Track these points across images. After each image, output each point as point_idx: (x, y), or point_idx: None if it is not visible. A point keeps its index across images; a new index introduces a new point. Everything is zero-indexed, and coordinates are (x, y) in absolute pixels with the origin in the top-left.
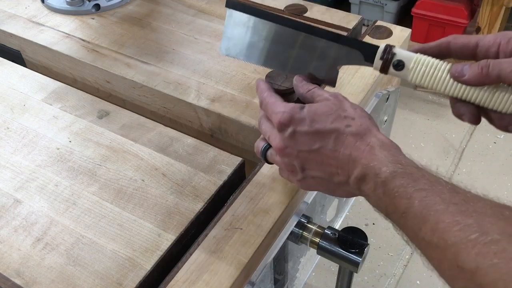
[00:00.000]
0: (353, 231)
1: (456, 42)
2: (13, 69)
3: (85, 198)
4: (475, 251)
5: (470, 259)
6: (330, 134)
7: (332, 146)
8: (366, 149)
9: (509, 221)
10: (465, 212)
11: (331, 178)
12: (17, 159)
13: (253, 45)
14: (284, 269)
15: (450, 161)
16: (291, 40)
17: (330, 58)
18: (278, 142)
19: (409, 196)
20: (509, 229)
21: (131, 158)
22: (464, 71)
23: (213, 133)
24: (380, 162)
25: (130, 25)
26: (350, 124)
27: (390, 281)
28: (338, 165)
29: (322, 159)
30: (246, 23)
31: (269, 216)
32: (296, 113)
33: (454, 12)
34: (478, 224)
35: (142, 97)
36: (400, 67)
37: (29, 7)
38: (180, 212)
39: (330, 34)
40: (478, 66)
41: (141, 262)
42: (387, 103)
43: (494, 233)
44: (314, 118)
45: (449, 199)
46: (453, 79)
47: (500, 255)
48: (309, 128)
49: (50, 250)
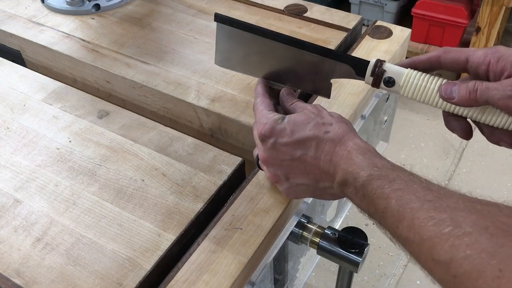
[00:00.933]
0: (353, 231)
1: (446, 57)
2: (13, 69)
3: (85, 198)
4: (448, 243)
5: (444, 251)
6: (310, 141)
7: (313, 153)
8: (345, 154)
9: (480, 214)
10: (439, 208)
11: (316, 184)
12: (17, 159)
13: (245, 58)
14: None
15: (450, 161)
16: (282, 53)
17: (322, 71)
18: (262, 153)
19: (386, 196)
20: (480, 222)
21: (131, 158)
22: (453, 93)
23: (213, 133)
24: (357, 167)
25: (130, 25)
26: (328, 130)
27: (390, 281)
28: (321, 171)
29: (305, 166)
30: (236, 37)
31: (269, 216)
32: (277, 125)
33: (454, 12)
34: (451, 218)
35: (142, 97)
36: (391, 83)
37: (29, 7)
38: (180, 212)
39: (320, 49)
40: (466, 90)
41: (141, 262)
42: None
43: (466, 226)
44: (294, 128)
45: (424, 197)
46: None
47: (472, 246)
48: (289, 139)
49: (50, 250)
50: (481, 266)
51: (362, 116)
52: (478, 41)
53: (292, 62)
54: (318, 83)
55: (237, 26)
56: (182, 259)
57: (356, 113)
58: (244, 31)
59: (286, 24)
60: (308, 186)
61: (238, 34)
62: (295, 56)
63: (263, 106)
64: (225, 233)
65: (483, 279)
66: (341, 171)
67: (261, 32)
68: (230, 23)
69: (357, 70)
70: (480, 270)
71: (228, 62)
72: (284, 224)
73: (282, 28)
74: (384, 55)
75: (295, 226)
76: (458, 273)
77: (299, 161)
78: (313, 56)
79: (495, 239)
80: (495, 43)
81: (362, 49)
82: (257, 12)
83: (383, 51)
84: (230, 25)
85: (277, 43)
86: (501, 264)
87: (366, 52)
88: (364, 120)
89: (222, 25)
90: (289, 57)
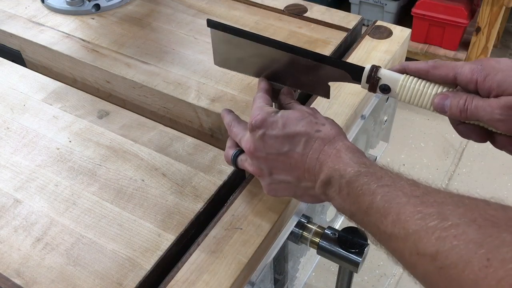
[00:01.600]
0: (353, 231)
1: (434, 73)
2: (13, 69)
3: (85, 198)
4: (435, 236)
5: (430, 244)
6: (300, 137)
7: (301, 150)
8: (333, 153)
9: (468, 207)
10: (425, 203)
11: (298, 183)
12: (17, 159)
13: (243, 60)
14: (284, 269)
15: (450, 161)
16: (277, 57)
17: (318, 75)
18: (249, 144)
19: (372, 192)
20: (468, 214)
21: (131, 158)
22: (445, 107)
23: (213, 133)
24: (345, 164)
25: (130, 25)
26: (320, 129)
27: (390, 281)
28: (305, 169)
29: (290, 162)
30: (230, 41)
31: (269, 216)
32: (270, 117)
33: (454, 12)
34: (438, 212)
35: (142, 97)
36: (387, 91)
37: (29, 7)
38: (180, 212)
39: (314, 55)
40: (457, 107)
41: (141, 262)
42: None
43: (454, 218)
44: (286, 122)
45: (411, 193)
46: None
47: (459, 237)
48: (279, 132)
49: (50, 250)
50: (468, 256)
51: (362, 116)
52: (478, 41)
53: (288, 65)
54: (316, 85)
55: (230, 32)
56: (182, 259)
57: (356, 113)
58: (236, 36)
59: (286, 24)
60: (289, 184)
61: (232, 39)
62: (290, 60)
63: (261, 100)
64: (225, 233)
65: (470, 269)
66: (327, 169)
67: (253, 38)
68: (223, 29)
69: (352, 75)
70: (467, 260)
71: (227, 63)
72: (284, 224)
73: (282, 28)
74: (384, 55)
75: (295, 226)
76: (444, 264)
77: (285, 156)
78: (307, 61)
79: (483, 230)
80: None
81: (362, 49)
82: (257, 12)
83: (383, 51)
84: (223, 31)
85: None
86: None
87: (366, 52)
88: (364, 120)
89: (215, 30)
90: (285, 60)
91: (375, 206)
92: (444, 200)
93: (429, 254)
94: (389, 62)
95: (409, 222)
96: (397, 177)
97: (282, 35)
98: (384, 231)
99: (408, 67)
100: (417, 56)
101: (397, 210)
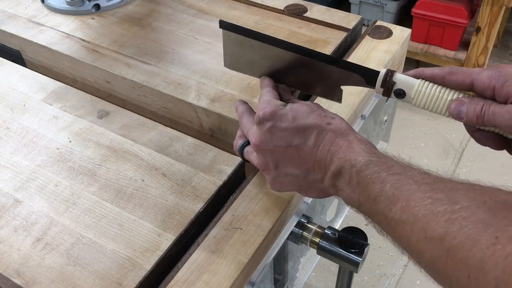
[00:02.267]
0: (353, 231)
1: (451, 79)
2: (13, 69)
3: (85, 198)
4: (444, 218)
5: (439, 226)
6: (312, 129)
7: (313, 142)
8: (345, 144)
9: (478, 192)
10: (436, 190)
11: (306, 176)
12: (17, 159)
13: (254, 63)
14: (284, 269)
15: (450, 161)
16: (290, 60)
17: (331, 78)
18: (255, 137)
19: (382, 180)
20: (478, 198)
21: (131, 158)
22: (461, 114)
23: (213, 133)
24: (356, 154)
25: (130, 25)
26: (330, 122)
27: (390, 281)
28: (315, 161)
29: (300, 155)
30: (242, 42)
31: (269, 216)
32: (279, 110)
33: (454, 12)
34: (448, 197)
35: (142, 97)
36: (402, 95)
37: (29, 7)
38: (180, 212)
39: (330, 58)
40: (474, 113)
41: (141, 262)
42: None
43: (464, 202)
44: (296, 115)
45: (421, 180)
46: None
47: (468, 218)
48: (289, 124)
49: (50, 250)
50: (476, 235)
51: (362, 116)
52: (478, 41)
53: (301, 68)
54: (329, 89)
55: (242, 33)
56: (182, 259)
57: (356, 113)
58: (248, 37)
59: (286, 24)
60: (296, 178)
61: (244, 40)
62: (303, 63)
63: (269, 94)
64: (225, 233)
65: (477, 247)
66: (337, 160)
67: (266, 40)
68: (234, 30)
69: (366, 79)
70: (475, 239)
71: (237, 66)
72: (284, 224)
73: (282, 28)
74: (384, 55)
75: (295, 226)
76: (452, 245)
77: (294, 149)
78: (322, 64)
79: (493, 211)
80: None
81: (362, 49)
82: (257, 12)
83: (383, 51)
84: (235, 32)
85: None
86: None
87: (366, 52)
88: (364, 120)
89: (227, 31)
90: (298, 63)
91: (384, 194)
92: (454, 186)
93: (437, 237)
94: (389, 62)
95: (418, 207)
96: (408, 167)
97: (282, 35)
98: (392, 218)
99: (423, 73)
100: (417, 56)
101: (407, 196)
